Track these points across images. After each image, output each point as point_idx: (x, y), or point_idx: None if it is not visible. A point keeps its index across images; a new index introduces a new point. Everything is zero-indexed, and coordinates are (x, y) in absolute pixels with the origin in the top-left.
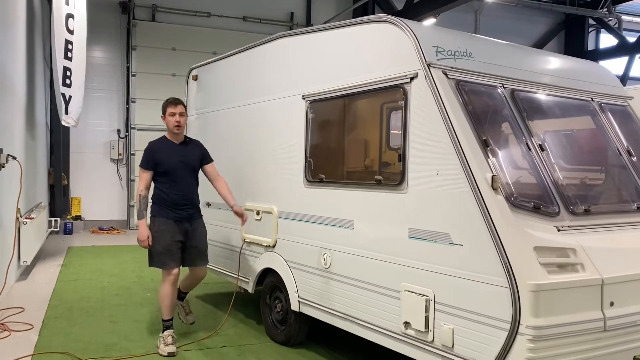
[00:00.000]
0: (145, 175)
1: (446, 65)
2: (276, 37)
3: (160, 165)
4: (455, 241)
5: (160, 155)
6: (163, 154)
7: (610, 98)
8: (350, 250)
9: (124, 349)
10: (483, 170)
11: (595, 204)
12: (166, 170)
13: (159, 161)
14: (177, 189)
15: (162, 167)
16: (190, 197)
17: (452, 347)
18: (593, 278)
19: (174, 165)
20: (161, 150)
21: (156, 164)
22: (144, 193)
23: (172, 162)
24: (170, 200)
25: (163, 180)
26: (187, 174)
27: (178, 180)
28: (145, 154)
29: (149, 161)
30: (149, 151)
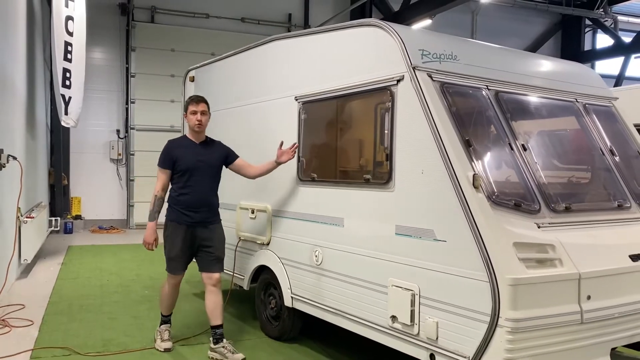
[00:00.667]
0: (162, 175)
1: (431, 68)
2: (270, 40)
3: (178, 163)
4: (438, 237)
5: (178, 153)
6: (181, 152)
7: (595, 99)
8: (340, 247)
9: (122, 344)
10: (465, 169)
11: (577, 202)
12: (183, 170)
13: (177, 159)
14: (193, 190)
15: (180, 166)
16: (208, 200)
17: (436, 339)
18: (570, 273)
19: (192, 165)
20: (179, 148)
21: (174, 163)
22: (160, 194)
23: (190, 161)
24: (184, 202)
25: (179, 181)
26: (206, 175)
27: (195, 181)
28: (163, 152)
29: (167, 159)
30: (167, 149)
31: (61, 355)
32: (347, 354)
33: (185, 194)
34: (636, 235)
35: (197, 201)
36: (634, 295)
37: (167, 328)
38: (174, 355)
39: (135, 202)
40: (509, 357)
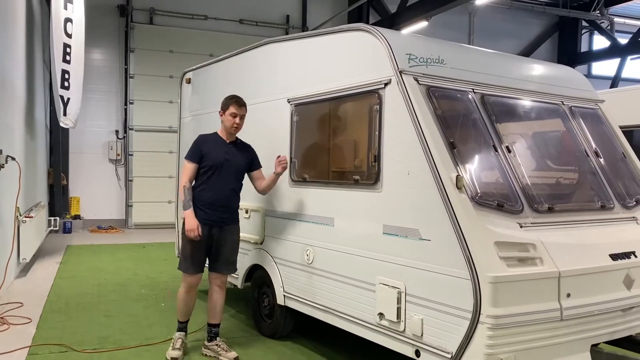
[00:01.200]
0: (190, 167)
1: (418, 72)
2: (264, 43)
3: (205, 158)
4: (424, 237)
5: (207, 148)
6: (210, 148)
7: (581, 101)
8: (330, 246)
9: (118, 342)
10: (448, 171)
11: (560, 202)
12: (209, 165)
13: (205, 154)
14: (215, 188)
15: (207, 162)
16: (228, 200)
17: (421, 336)
18: (550, 271)
19: (219, 162)
20: (209, 144)
21: (201, 157)
22: (188, 185)
23: (218, 157)
24: (205, 200)
25: (203, 177)
26: (231, 175)
27: (219, 179)
28: (193, 145)
29: (196, 152)
30: (197, 143)
31: (58, 352)
32: (339, 351)
33: (206, 190)
34: (618, 235)
35: (218, 199)
36: (613, 293)
37: (181, 336)
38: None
39: (134, 202)
40: (490, 352)
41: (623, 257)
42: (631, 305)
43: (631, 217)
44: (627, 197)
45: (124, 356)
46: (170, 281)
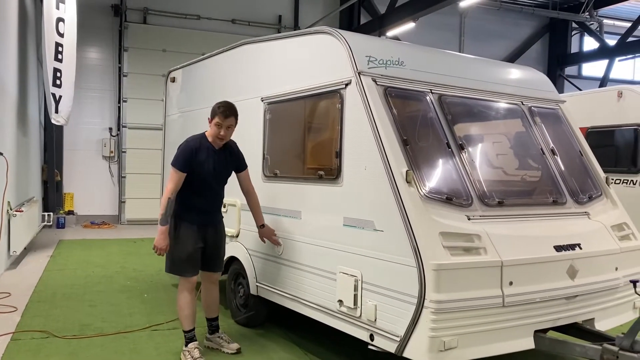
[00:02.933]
0: (179, 176)
1: (376, 73)
2: (241, 44)
3: (196, 169)
4: (378, 228)
5: (199, 159)
6: (201, 158)
7: (541, 102)
8: (298, 238)
9: (98, 329)
10: (400, 166)
11: (511, 197)
12: (200, 179)
13: (197, 165)
14: (206, 197)
15: (197, 174)
16: (217, 204)
17: (375, 321)
18: (493, 260)
19: (209, 174)
20: (200, 153)
21: (192, 166)
22: (173, 197)
23: (208, 170)
24: (196, 206)
25: (192, 185)
26: (218, 184)
27: (208, 190)
28: (183, 152)
29: (187, 162)
30: (190, 151)
31: (40, 337)
32: (309, 338)
33: (197, 198)
34: (566, 228)
35: (208, 206)
36: (556, 283)
37: (196, 346)
38: (149, 340)
39: (127, 198)
40: (433, 335)
41: (567, 248)
42: (575, 294)
43: (583, 212)
44: (581, 194)
45: (102, 342)
46: (155, 274)
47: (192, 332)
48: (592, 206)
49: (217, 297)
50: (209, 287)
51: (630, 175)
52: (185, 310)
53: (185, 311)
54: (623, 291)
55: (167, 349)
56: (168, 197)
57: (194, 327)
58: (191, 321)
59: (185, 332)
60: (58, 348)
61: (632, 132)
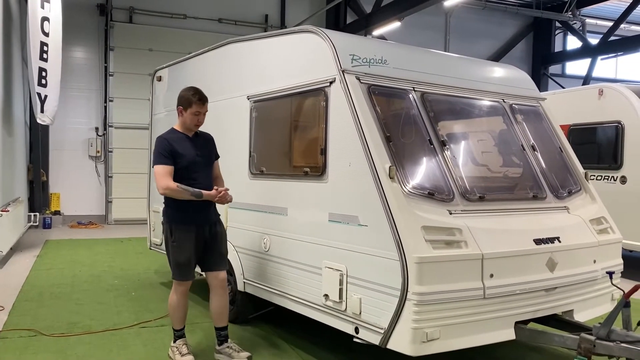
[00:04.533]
0: (168, 169)
1: (360, 72)
2: (226, 43)
3: (179, 158)
4: (362, 223)
5: (177, 148)
6: (179, 147)
7: (522, 99)
8: (284, 234)
9: (86, 327)
10: (383, 162)
11: (492, 192)
12: (185, 166)
13: (178, 154)
14: (195, 187)
15: (181, 162)
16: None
17: (359, 314)
18: (474, 253)
19: (193, 160)
20: (175, 143)
21: (175, 159)
22: (173, 184)
23: (190, 155)
24: (189, 204)
25: (179, 178)
26: (205, 170)
27: (197, 177)
28: (161, 148)
29: (168, 153)
30: (166, 143)
31: (27, 336)
32: (295, 334)
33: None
34: (546, 222)
35: (200, 202)
36: (536, 275)
37: (184, 342)
38: (137, 337)
39: (114, 198)
40: (416, 327)
41: (547, 242)
42: (554, 286)
43: (563, 207)
44: (560, 189)
45: (90, 340)
46: (142, 272)
47: (182, 330)
48: (572, 201)
49: (226, 304)
50: (218, 292)
51: (611, 171)
52: (177, 312)
53: (177, 313)
54: (601, 283)
55: (156, 346)
56: (172, 187)
57: (183, 326)
58: (181, 322)
59: (175, 330)
60: (46, 346)
61: (613, 129)
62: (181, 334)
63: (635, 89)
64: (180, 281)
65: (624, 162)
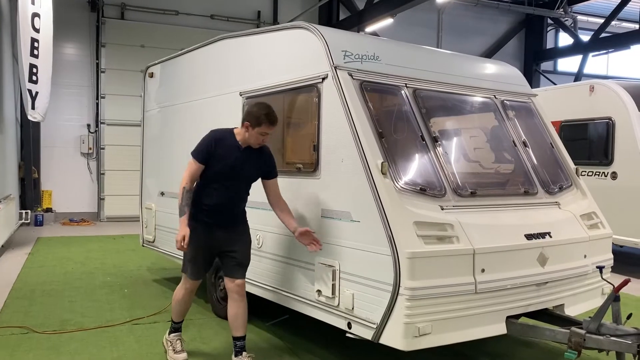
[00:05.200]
0: (196, 168)
1: (352, 68)
2: (219, 39)
3: (216, 162)
4: (354, 218)
5: (220, 151)
6: (223, 152)
7: (514, 95)
8: (277, 230)
9: (78, 324)
10: (375, 158)
11: (483, 188)
12: (218, 172)
13: (217, 157)
14: (221, 195)
15: (215, 166)
16: (233, 206)
17: (352, 309)
18: (465, 248)
19: (229, 171)
20: (223, 146)
21: (210, 159)
22: (188, 186)
23: (229, 163)
24: (208, 203)
25: (208, 180)
26: (240, 184)
27: (225, 187)
28: (205, 143)
29: (205, 153)
30: (209, 142)
31: (19, 333)
32: (288, 330)
33: (210, 194)
34: (537, 217)
35: (222, 206)
36: (527, 270)
37: (178, 337)
38: (129, 334)
39: (106, 195)
40: (408, 321)
41: (538, 237)
42: (545, 281)
43: (554, 202)
44: (552, 184)
45: (82, 337)
46: (135, 269)
47: (179, 324)
48: (563, 196)
49: (243, 312)
50: (232, 297)
51: (602, 167)
52: (179, 306)
53: (178, 306)
54: (592, 278)
55: (149, 342)
56: (183, 186)
57: (181, 320)
58: (180, 315)
59: (173, 322)
60: (38, 343)
61: (604, 125)
62: (178, 327)
63: (626, 86)
64: (186, 277)
65: (615, 158)
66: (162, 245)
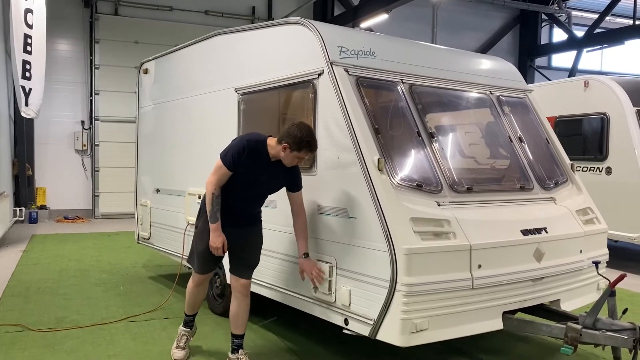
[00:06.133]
0: (225, 173)
1: (348, 63)
2: (213, 35)
3: (244, 170)
4: (351, 215)
5: (250, 162)
6: (254, 163)
7: (510, 91)
8: (273, 227)
9: (74, 321)
10: (372, 154)
11: (480, 183)
12: (242, 183)
13: (246, 166)
14: (244, 202)
15: (243, 176)
16: (253, 211)
17: (349, 305)
18: (462, 244)
19: (256, 182)
20: (254, 157)
21: (239, 167)
22: (217, 192)
23: (256, 177)
24: (228, 207)
25: (233, 187)
26: (263, 195)
27: (250, 196)
28: (238, 149)
29: (236, 162)
30: (242, 149)
31: (14, 331)
32: (285, 327)
33: (233, 200)
34: (532, 213)
35: (242, 211)
36: (523, 265)
37: (185, 333)
38: (125, 331)
39: (101, 192)
40: (405, 317)
41: (534, 232)
42: (541, 276)
43: (549, 198)
44: (547, 180)
45: (78, 334)
46: (130, 266)
47: (192, 317)
48: (558, 192)
49: (244, 310)
50: (235, 295)
51: (597, 162)
52: (189, 297)
53: (189, 298)
54: (587, 273)
55: (144, 339)
56: (212, 192)
57: (194, 313)
58: (191, 308)
59: (185, 315)
60: (33, 341)
61: (598, 121)
62: (188, 320)
63: (620, 81)
64: (194, 271)
65: (609, 153)
66: (158, 242)
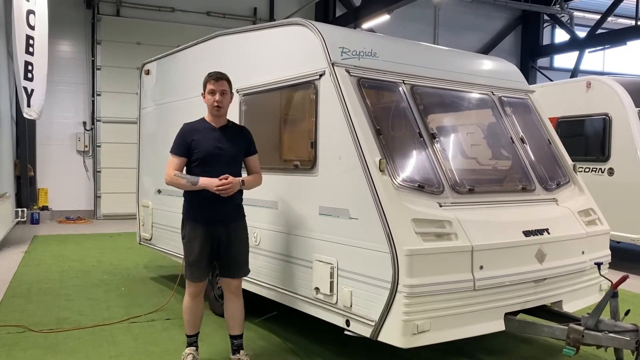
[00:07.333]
0: (176, 162)
1: (350, 64)
2: (214, 36)
3: (194, 150)
4: (352, 216)
5: (195, 138)
6: (198, 137)
7: (511, 92)
8: (274, 228)
9: (75, 322)
10: (373, 155)
11: (481, 184)
12: (200, 158)
13: (193, 145)
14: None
15: (197, 154)
16: (232, 203)
17: (350, 306)
18: (464, 245)
19: (210, 152)
20: (196, 133)
21: (189, 149)
22: (174, 172)
23: (208, 147)
24: (201, 196)
25: (195, 171)
26: (225, 165)
27: (214, 171)
28: (177, 137)
29: (181, 145)
30: (182, 133)
31: (15, 332)
32: (286, 327)
33: (203, 190)
34: (534, 214)
35: (215, 195)
36: (525, 266)
37: (192, 352)
38: (127, 332)
39: (102, 193)
40: (407, 319)
41: (536, 233)
42: (543, 277)
43: (551, 199)
44: (549, 181)
45: (80, 335)
46: (132, 267)
47: (194, 337)
48: (560, 193)
49: (240, 310)
50: (229, 297)
51: (599, 163)
52: (186, 315)
53: (186, 316)
54: (589, 274)
55: (146, 340)
56: (171, 175)
57: (195, 332)
58: (191, 327)
59: (187, 336)
60: (35, 342)
61: (600, 122)
62: (191, 342)
63: (622, 82)
64: (189, 281)
65: (612, 154)
66: (159, 243)
